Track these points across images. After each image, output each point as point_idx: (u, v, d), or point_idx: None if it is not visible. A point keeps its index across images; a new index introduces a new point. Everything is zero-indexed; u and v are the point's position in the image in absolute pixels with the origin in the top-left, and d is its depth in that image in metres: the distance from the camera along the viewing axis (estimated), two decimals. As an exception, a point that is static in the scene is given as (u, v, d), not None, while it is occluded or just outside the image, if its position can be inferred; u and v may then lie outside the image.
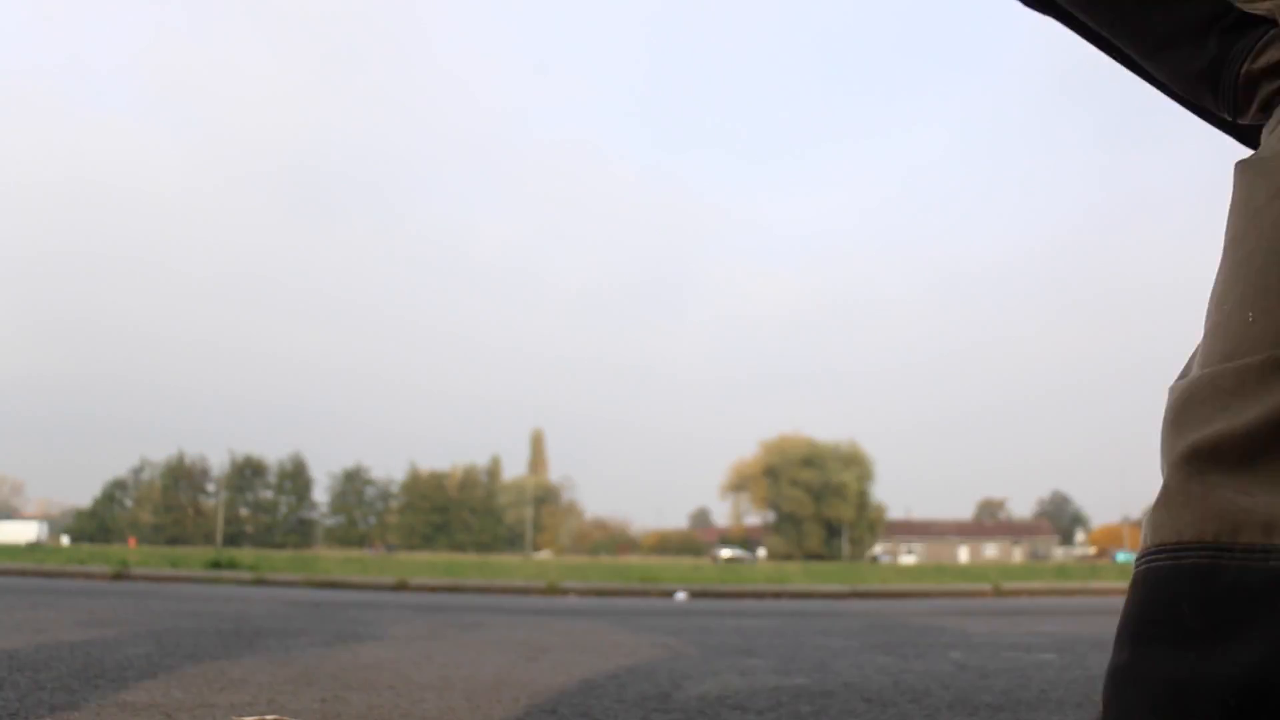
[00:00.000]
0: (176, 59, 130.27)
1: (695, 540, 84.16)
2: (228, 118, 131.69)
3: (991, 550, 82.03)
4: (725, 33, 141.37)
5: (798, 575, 8.78)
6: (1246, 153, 0.72)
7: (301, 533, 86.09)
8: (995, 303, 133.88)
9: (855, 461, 73.28)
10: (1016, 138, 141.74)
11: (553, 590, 5.89)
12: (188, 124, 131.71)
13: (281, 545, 76.47)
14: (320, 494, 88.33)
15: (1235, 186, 0.74)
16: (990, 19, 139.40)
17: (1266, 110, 0.71)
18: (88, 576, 6.44)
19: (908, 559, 78.26)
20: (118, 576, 6.41)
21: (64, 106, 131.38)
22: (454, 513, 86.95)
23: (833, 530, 72.95)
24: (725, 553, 65.76)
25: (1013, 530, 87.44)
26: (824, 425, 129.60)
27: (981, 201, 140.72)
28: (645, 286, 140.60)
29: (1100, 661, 2.18)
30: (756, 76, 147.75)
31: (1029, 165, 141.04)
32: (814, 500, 72.21)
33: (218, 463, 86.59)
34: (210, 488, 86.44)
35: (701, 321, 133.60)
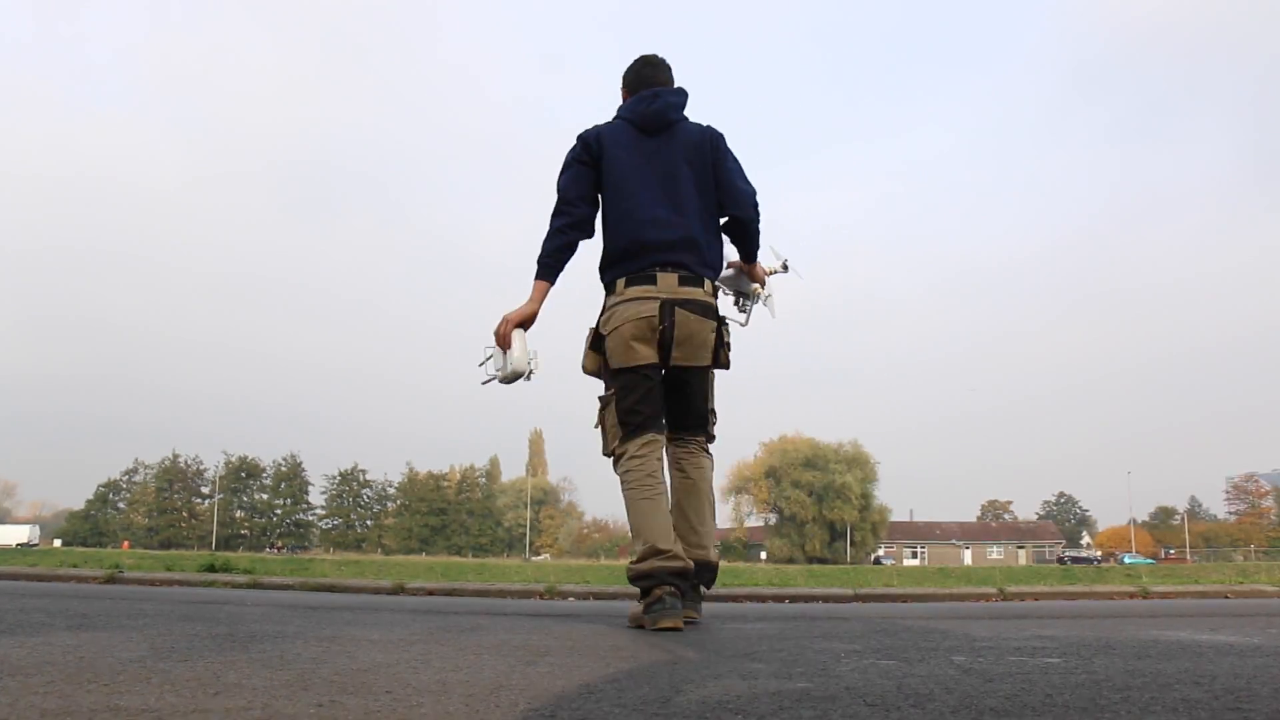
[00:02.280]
0: (175, 51, 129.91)
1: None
2: (227, 111, 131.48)
3: (996, 553, 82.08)
4: (732, 32, 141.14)
5: (800, 578, 8.74)
6: None
7: (297, 535, 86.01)
8: (1001, 301, 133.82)
9: (858, 463, 73.24)
10: (1026, 136, 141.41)
11: (552, 593, 5.86)
12: (186, 117, 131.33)
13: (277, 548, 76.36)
14: (316, 496, 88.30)
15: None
16: (1000, 17, 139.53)
17: None
18: (80, 579, 6.40)
19: (911, 561, 78.22)
20: (111, 580, 6.37)
21: (58, 97, 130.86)
22: (452, 515, 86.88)
23: (835, 532, 72.87)
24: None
25: (1018, 532, 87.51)
26: (826, 426, 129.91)
27: (988, 200, 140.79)
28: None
29: (1107, 665, 2.16)
30: (764, 75, 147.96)
31: (1038, 163, 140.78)
32: (816, 502, 72.14)
33: (212, 464, 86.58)
34: (205, 490, 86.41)
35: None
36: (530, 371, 3.14)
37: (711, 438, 3.21)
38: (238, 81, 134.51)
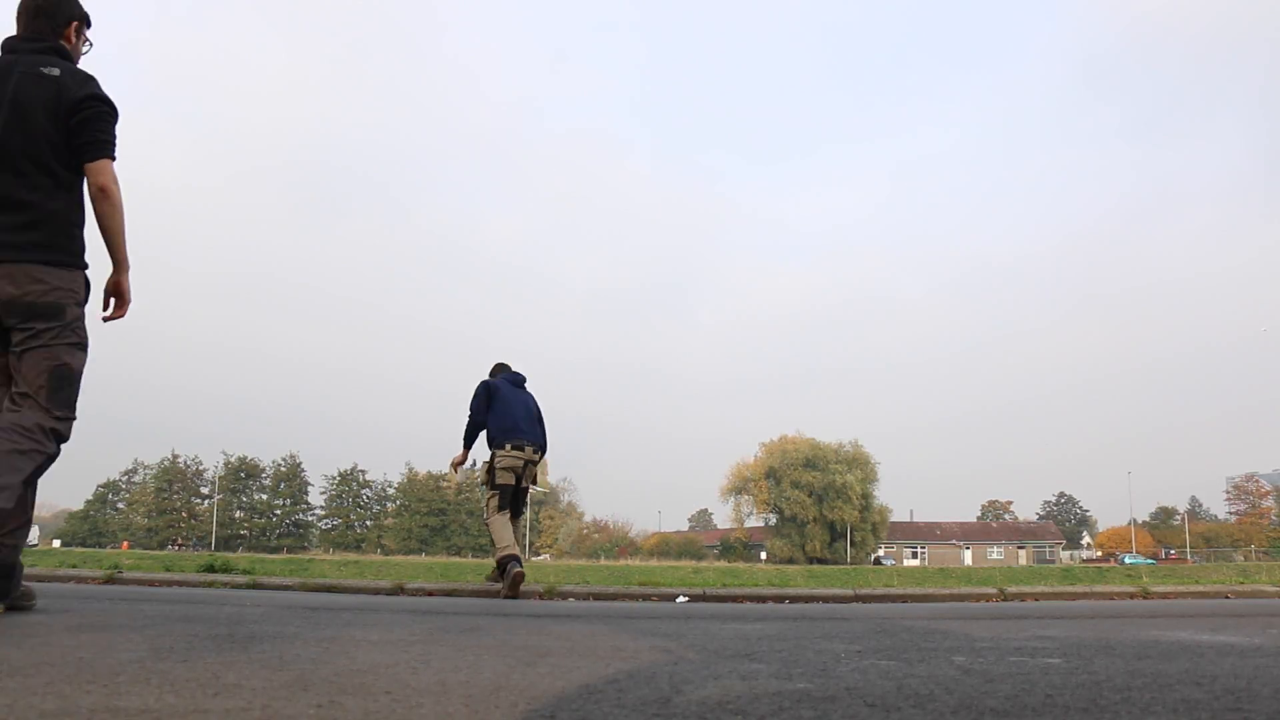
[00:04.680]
0: (177, 48, 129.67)
1: (696, 543, 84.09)
2: (229, 110, 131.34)
3: (996, 553, 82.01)
4: (741, 30, 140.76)
5: (800, 578, 8.73)
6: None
7: (297, 535, 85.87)
8: (1002, 302, 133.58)
9: (858, 463, 73.10)
10: (1034, 134, 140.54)
11: (551, 594, 5.86)
12: (189, 116, 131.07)
13: (276, 549, 76.35)
14: (316, 496, 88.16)
15: None
16: (1010, 14, 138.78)
17: None
18: (79, 580, 6.38)
19: (912, 562, 78.11)
20: (110, 580, 6.36)
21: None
22: (451, 515, 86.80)
23: (836, 532, 72.75)
24: None
25: (1018, 533, 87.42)
26: (827, 426, 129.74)
27: (992, 199, 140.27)
28: (653, 290, 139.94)
29: (1107, 666, 2.16)
30: (771, 73, 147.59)
31: (1045, 162, 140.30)
32: (816, 502, 72.01)
33: (212, 464, 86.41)
34: (204, 490, 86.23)
35: (707, 323, 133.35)
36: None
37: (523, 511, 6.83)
38: (240, 79, 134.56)
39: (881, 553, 76.67)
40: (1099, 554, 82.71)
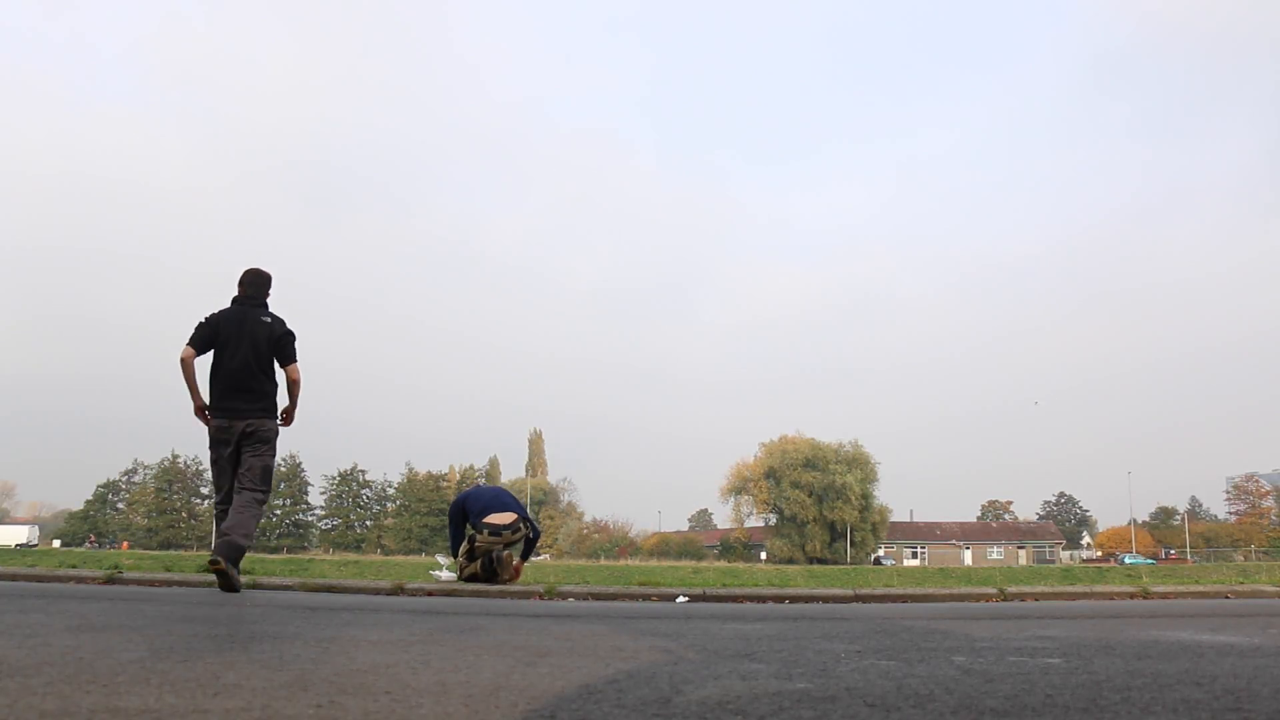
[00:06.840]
0: (183, 47, 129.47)
1: (696, 543, 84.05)
2: (233, 110, 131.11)
3: (996, 553, 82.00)
4: (747, 30, 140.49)
5: (800, 578, 8.73)
6: None
7: (297, 536, 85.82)
8: (1003, 302, 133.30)
9: (858, 463, 73.05)
10: (1040, 132, 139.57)
11: (551, 594, 5.85)
12: (193, 116, 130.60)
13: (276, 549, 76.31)
14: (316, 496, 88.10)
15: None
16: (1018, 11, 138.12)
17: None
18: (79, 580, 6.39)
19: (911, 562, 78.06)
20: (110, 580, 6.36)
21: (61, 92, 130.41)
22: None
23: (836, 532, 72.69)
24: None
25: (1018, 533, 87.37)
26: (827, 426, 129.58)
27: (995, 199, 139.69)
28: (656, 289, 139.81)
29: (1107, 666, 2.16)
30: (776, 73, 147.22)
31: (1050, 161, 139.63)
32: (816, 502, 71.96)
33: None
34: (204, 490, 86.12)
35: (709, 323, 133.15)
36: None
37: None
38: (246, 79, 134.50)
39: (881, 553, 76.59)
40: (1099, 554, 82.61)
